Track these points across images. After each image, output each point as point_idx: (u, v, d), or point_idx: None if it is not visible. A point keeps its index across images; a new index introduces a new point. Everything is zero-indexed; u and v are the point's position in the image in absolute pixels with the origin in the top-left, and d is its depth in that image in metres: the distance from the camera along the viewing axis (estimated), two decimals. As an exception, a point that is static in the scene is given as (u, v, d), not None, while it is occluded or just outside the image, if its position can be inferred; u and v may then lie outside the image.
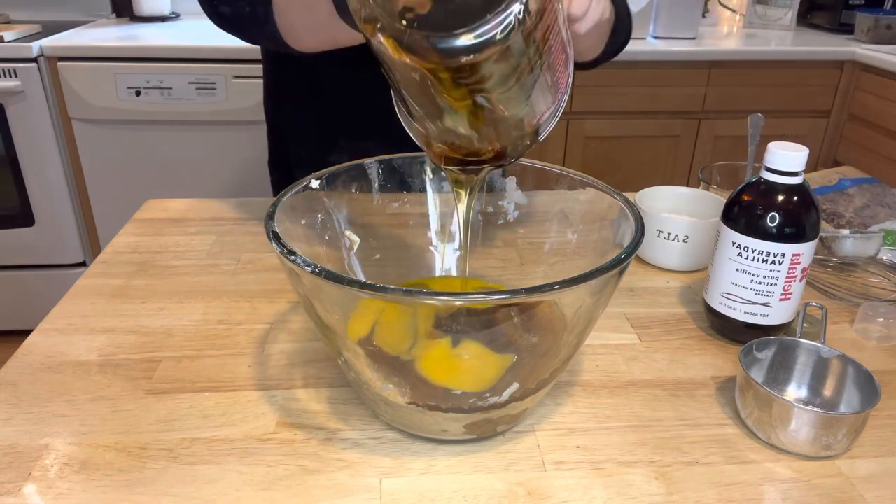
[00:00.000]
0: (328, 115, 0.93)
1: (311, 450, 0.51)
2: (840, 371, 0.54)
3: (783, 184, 0.59)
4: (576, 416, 0.55)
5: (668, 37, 2.07)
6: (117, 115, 1.81)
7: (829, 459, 0.51)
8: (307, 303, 0.48)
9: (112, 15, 2.22)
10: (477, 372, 0.49)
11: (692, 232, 0.75)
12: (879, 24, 2.03)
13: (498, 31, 0.37)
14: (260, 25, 0.67)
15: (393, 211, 0.65)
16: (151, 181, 1.90)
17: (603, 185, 0.57)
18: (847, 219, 0.91)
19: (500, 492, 0.47)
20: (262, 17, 0.66)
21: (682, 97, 2.00)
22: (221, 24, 0.73)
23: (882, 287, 0.76)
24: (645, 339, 0.66)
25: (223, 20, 0.72)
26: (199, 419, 0.54)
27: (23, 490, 0.47)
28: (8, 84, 1.72)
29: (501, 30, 0.37)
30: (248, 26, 0.70)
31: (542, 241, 0.64)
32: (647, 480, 0.49)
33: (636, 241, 0.48)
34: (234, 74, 1.78)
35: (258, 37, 0.70)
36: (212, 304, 0.70)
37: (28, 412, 0.54)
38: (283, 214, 0.52)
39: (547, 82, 0.46)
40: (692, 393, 0.58)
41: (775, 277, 0.60)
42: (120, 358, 0.61)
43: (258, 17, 0.66)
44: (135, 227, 0.86)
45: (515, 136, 0.49)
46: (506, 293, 0.43)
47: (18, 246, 1.91)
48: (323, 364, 0.61)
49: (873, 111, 1.94)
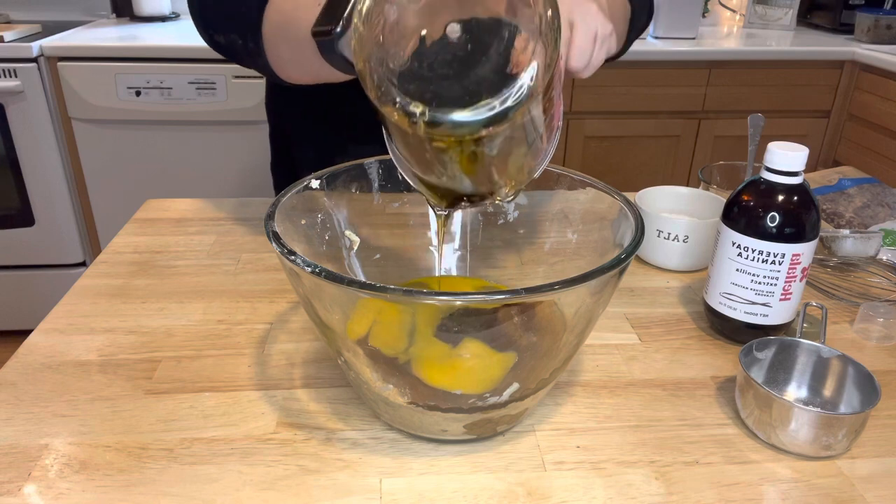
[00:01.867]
0: (330, 119, 0.93)
1: (311, 450, 0.51)
2: (840, 371, 0.54)
3: (783, 184, 0.59)
4: (576, 416, 0.55)
5: (668, 37, 2.08)
6: (117, 115, 1.81)
7: (829, 459, 0.51)
8: (307, 303, 0.48)
9: (112, 15, 2.22)
10: (478, 373, 0.49)
11: (692, 232, 0.75)
12: (879, 24, 2.03)
13: (511, 100, 0.38)
14: (252, 57, 0.69)
15: (393, 211, 0.65)
16: (151, 181, 1.90)
17: (603, 185, 0.57)
18: (847, 219, 0.91)
19: (500, 492, 0.47)
20: (253, 50, 0.67)
21: (682, 97, 2.00)
22: (218, 51, 0.74)
23: (882, 287, 0.76)
24: (645, 339, 0.66)
25: (219, 48, 0.73)
26: (199, 419, 0.54)
27: (23, 490, 0.47)
28: (8, 84, 1.72)
29: (515, 98, 0.38)
30: (241, 56, 0.71)
31: (542, 241, 0.64)
32: (647, 480, 0.49)
33: (636, 241, 0.48)
34: (234, 74, 1.78)
35: (251, 66, 0.72)
36: (212, 304, 0.70)
37: (28, 412, 0.54)
38: (283, 214, 0.52)
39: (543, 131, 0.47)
40: (692, 393, 0.58)
41: (775, 277, 0.60)
42: (120, 358, 0.61)
43: (249, 50, 0.68)
44: (135, 227, 0.86)
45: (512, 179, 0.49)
46: (506, 293, 0.43)
47: (18, 246, 1.91)
48: (323, 364, 0.61)
49: (873, 111, 1.94)
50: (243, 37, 0.67)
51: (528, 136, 0.44)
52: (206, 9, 0.72)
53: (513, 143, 0.43)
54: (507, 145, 0.43)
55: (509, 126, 0.39)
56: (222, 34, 0.71)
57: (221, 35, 0.71)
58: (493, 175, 0.47)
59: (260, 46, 0.66)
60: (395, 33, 0.40)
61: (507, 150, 0.44)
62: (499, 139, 0.41)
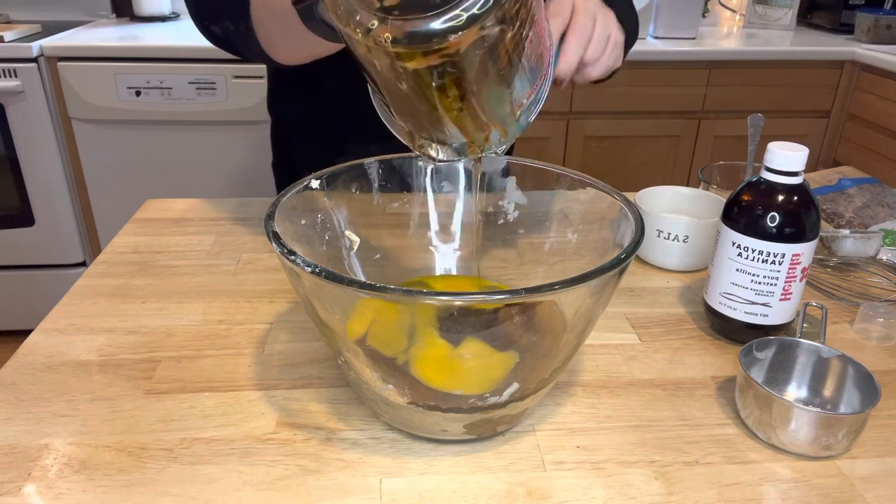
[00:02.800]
0: (331, 117, 0.93)
1: (311, 450, 0.51)
2: (840, 371, 0.54)
3: (783, 184, 0.59)
4: (576, 416, 0.55)
5: (668, 37, 2.08)
6: (117, 115, 1.81)
7: (829, 459, 0.51)
8: (307, 303, 0.48)
9: (112, 15, 2.22)
10: (478, 374, 0.49)
11: (692, 232, 0.75)
12: (879, 24, 2.03)
13: (476, 7, 0.37)
14: (245, 41, 0.70)
15: (393, 211, 0.65)
16: (151, 181, 1.90)
17: (603, 185, 0.57)
18: (847, 219, 0.91)
19: (500, 492, 0.47)
20: (244, 33, 0.69)
21: (682, 97, 2.00)
22: (215, 43, 0.76)
23: (882, 287, 0.76)
24: (645, 339, 0.66)
25: (215, 39, 0.75)
26: (199, 419, 0.54)
27: (23, 490, 0.47)
28: (8, 84, 1.72)
29: (480, 6, 0.37)
30: (236, 43, 0.72)
31: (542, 241, 0.64)
32: (647, 480, 0.49)
33: (636, 241, 0.48)
34: (234, 74, 1.78)
35: (247, 52, 0.73)
36: (212, 304, 0.70)
37: (28, 412, 0.54)
38: (283, 214, 0.52)
39: (525, 68, 0.46)
40: (692, 393, 0.58)
41: (775, 277, 0.60)
42: (120, 358, 0.61)
43: (241, 34, 0.69)
44: (135, 227, 0.86)
45: (500, 121, 0.48)
46: (506, 293, 0.43)
47: (18, 246, 1.91)
48: (323, 364, 0.61)
49: (873, 111, 1.94)
50: (235, 22, 0.69)
51: (507, 61, 0.42)
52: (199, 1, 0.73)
53: (491, 69, 0.42)
54: (485, 71, 0.42)
55: (479, 42, 0.38)
56: (216, 24, 0.72)
57: (216, 25, 0.73)
58: (479, 114, 0.45)
59: (250, 28, 0.67)
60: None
61: (486, 78, 0.43)
62: (471, 60, 0.40)
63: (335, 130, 0.94)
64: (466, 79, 0.41)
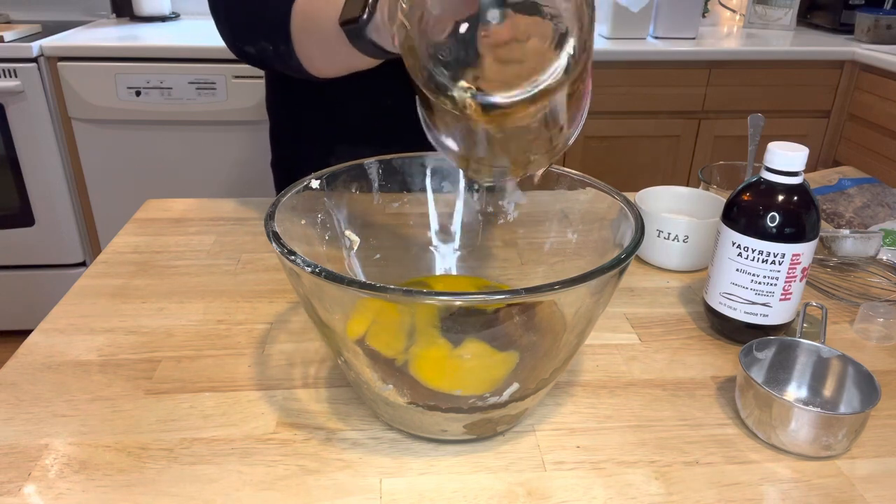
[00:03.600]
0: (331, 116, 0.93)
1: (311, 450, 0.51)
2: (840, 371, 0.54)
3: (783, 184, 0.59)
4: (576, 416, 0.55)
5: (668, 37, 2.08)
6: (117, 115, 1.81)
7: (829, 459, 0.51)
8: (307, 303, 0.48)
9: (112, 15, 2.22)
10: (478, 374, 0.49)
11: (692, 232, 0.75)
12: (879, 24, 2.03)
13: (552, 81, 0.39)
14: (285, 61, 0.71)
15: (393, 211, 0.65)
16: (151, 181, 1.90)
17: (603, 185, 0.57)
18: (847, 219, 0.91)
19: (500, 492, 0.47)
20: (285, 53, 0.70)
21: (682, 97, 2.00)
22: (247, 61, 0.77)
23: (882, 287, 0.76)
24: (645, 339, 0.66)
25: (248, 58, 0.76)
26: (199, 419, 0.54)
27: (23, 490, 0.47)
28: (8, 84, 1.72)
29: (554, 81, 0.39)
30: (273, 62, 0.73)
31: (542, 241, 0.64)
32: (647, 480, 0.49)
33: (636, 241, 0.48)
34: (234, 74, 1.78)
35: (283, 69, 0.74)
36: (212, 304, 0.70)
37: (28, 412, 0.54)
38: (283, 214, 0.52)
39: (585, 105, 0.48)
40: (692, 393, 0.58)
41: (775, 277, 0.60)
42: (120, 358, 0.61)
43: (281, 53, 0.70)
44: (135, 227, 0.86)
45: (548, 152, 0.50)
46: (506, 293, 0.43)
47: (18, 246, 1.91)
48: (323, 364, 0.61)
49: (873, 111, 1.94)
50: (273, 42, 0.70)
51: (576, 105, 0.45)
52: (234, 21, 0.74)
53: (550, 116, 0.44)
54: (545, 119, 0.44)
55: (550, 102, 0.40)
56: (251, 44, 0.73)
57: (251, 45, 0.73)
58: (530, 147, 0.47)
59: (290, 47, 0.68)
60: (435, 22, 0.41)
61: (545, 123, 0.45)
62: (539, 114, 0.42)
63: (335, 129, 0.94)
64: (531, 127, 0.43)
